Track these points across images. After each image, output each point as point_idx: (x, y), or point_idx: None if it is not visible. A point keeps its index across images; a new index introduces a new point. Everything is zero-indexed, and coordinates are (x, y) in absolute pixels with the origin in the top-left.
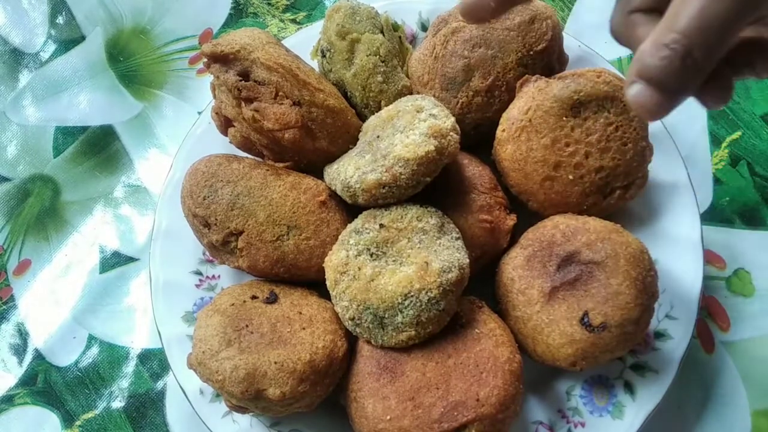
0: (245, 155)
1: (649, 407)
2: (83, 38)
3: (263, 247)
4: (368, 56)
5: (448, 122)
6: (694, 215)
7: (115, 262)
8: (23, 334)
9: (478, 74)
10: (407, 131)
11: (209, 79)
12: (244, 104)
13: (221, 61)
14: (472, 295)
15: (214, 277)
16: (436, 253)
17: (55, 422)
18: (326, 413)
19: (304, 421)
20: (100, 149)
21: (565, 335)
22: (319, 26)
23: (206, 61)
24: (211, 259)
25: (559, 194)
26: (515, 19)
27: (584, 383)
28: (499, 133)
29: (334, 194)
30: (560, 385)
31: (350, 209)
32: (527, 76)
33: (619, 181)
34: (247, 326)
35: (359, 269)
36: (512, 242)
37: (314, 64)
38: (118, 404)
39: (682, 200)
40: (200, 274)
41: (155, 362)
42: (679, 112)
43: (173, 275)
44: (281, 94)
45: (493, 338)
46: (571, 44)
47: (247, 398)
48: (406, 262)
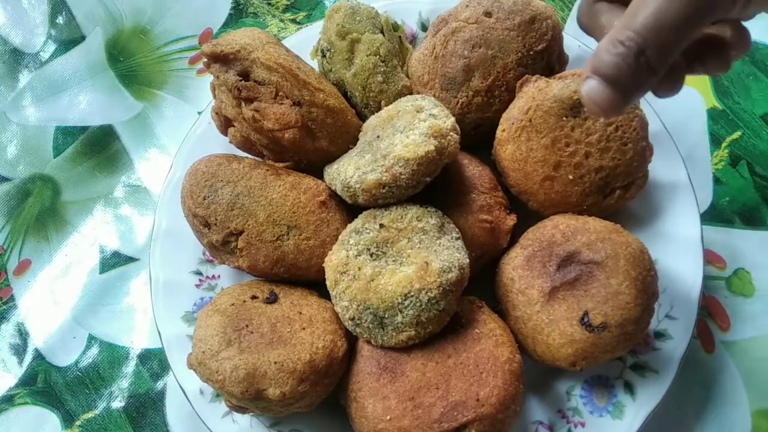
0: (245, 155)
1: (649, 407)
2: (83, 38)
3: (263, 247)
4: (368, 56)
5: (448, 122)
6: (694, 215)
7: (115, 262)
8: (23, 334)
9: (478, 74)
10: (407, 131)
11: (209, 79)
12: (244, 104)
13: (221, 61)
14: (472, 295)
15: (214, 277)
16: (436, 253)
17: (55, 422)
18: (326, 413)
19: (304, 421)
20: (100, 149)
21: (565, 335)
22: (319, 26)
23: (206, 61)
24: (211, 259)
25: (559, 194)
26: (515, 19)
27: (584, 383)
28: (499, 133)
29: (334, 194)
30: (560, 385)
31: (350, 209)
32: (527, 76)
33: (619, 181)
34: (247, 326)
35: (359, 269)
36: (512, 242)
37: (314, 64)
38: (118, 404)
39: (682, 200)
40: (200, 274)
41: (155, 362)
42: (679, 112)
43: (173, 275)
44: (281, 94)
45: (493, 338)
46: (571, 44)
47: (247, 398)
48: (406, 262)
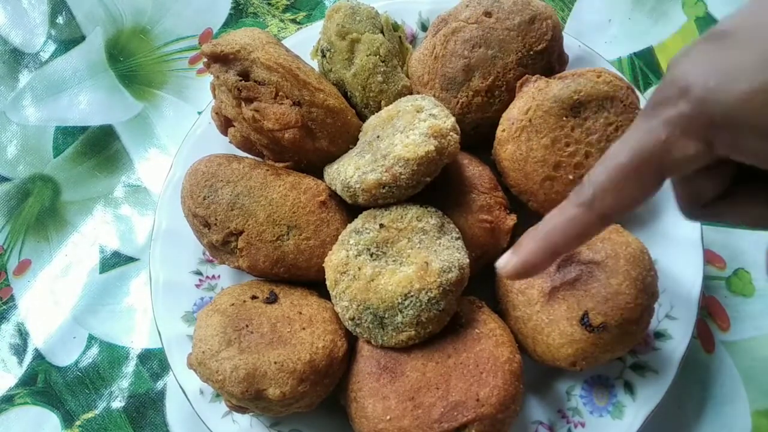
0: (245, 155)
1: (649, 407)
2: (83, 38)
3: (263, 247)
4: (368, 56)
5: (448, 122)
6: None
7: (115, 262)
8: (23, 334)
9: (478, 74)
10: (407, 131)
11: (209, 79)
12: (244, 104)
13: (221, 61)
14: (472, 295)
15: (214, 277)
16: (436, 253)
17: (55, 422)
18: (326, 413)
19: (304, 421)
20: (100, 149)
21: (565, 335)
22: (319, 26)
23: (206, 61)
24: (211, 259)
25: (559, 194)
26: (515, 19)
27: (584, 383)
28: (499, 133)
29: (334, 194)
30: (560, 385)
31: (350, 209)
32: (527, 76)
33: None
34: (247, 326)
35: (359, 269)
36: (512, 242)
37: (314, 64)
38: (118, 404)
39: None
40: (200, 274)
41: (155, 362)
42: None
43: (173, 275)
44: (281, 94)
45: (493, 338)
46: (571, 44)
47: (247, 398)
48: (406, 262)
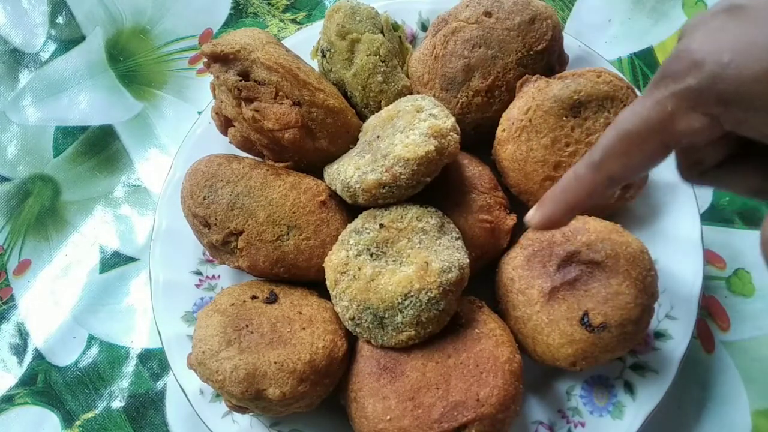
0: (245, 155)
1: (649, 407)
2: (83, 38)
3: (263, 247)
4: (368, 56)
5: (448, 122)
6: (694, 215)
7: (115, 262)
8: (23, 334)
9: (478, 74)
10: (407, 131)
11: (209, 79)
12: (244, 104)
13: (221, 61)
14: (472, 295)
15: (214, 277)
16: (436, 253)
17: (55, 422)
18: (326, 413)
19: (304, 421)
20: (100, 149)
21: (565, 335)
22: (319, 26)
23: (206, 61)
24: (211, 259)
25: None
26: (515, 19)
27: (584, 383)
28: (499, 133)
29: (334, 194)
30: (560, 385)
31: (350, 209)
32: (527, 76)
33: None
34: (247, 326)
35: (359, 269)
36: (512, 242)
37: (314, 64)
38: (118, 404)
39: (682, 200)
40: (200, 274)
41: (155, 362)
42: None
43: (173, 275)
44: (281, 94)
45: (493, 338)
46: (571, 44)
47: (247, 398)
48: (406, 262)
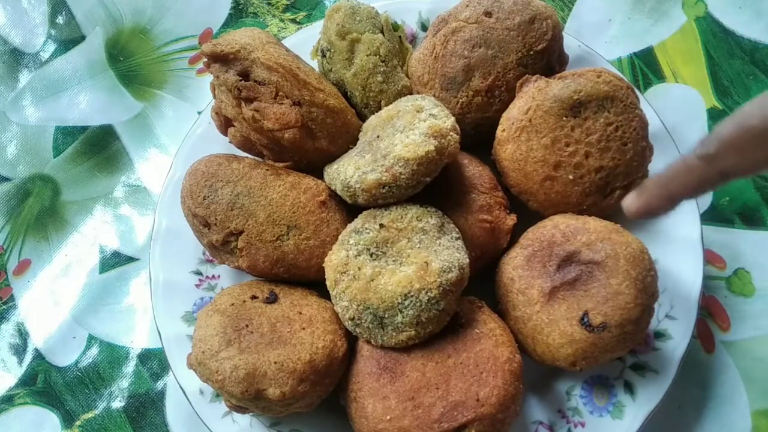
0: (245, 155)
1: (649, 407)
2: (83, 38)
3: (263, 247)
4: (368, 56)
5: (448, 122)
6: (694, 215)
7: (115, 262)
8: (23, 334)
9: (478, 74)
10: (407, 131)
11: (209, 79)
12: (244, 104)
13: (221, 60)
14: (472, 295)
15: (214, 277)
16: (436, 253)
17: (55, 422)
18: (326, 413)
19: (304, 421)
20: (100, 149)
21: (565, 335)
22: (319, 26)
23: (206, 60)
24: (211, 259)
25: (559, 194)
26: (515, 18)
27: (584, 383)
28: (499, 133)
29: (334, 194)
30: (560, 385)
31: (350, 209)
32: (527, 76)
33: (619, 181)
34: (247, 326)
35: (359, 269)
36: (512, 242)
37: (314, 64)
38: (118, 404)
39: None
40: (200, 274)
41: (155, 362)
42: (679, 112)
43: (173, 275)
44: (281, 94)
45: (493, 338)
46: (571, 44)
47: (246, 398)
48: (406, 262)
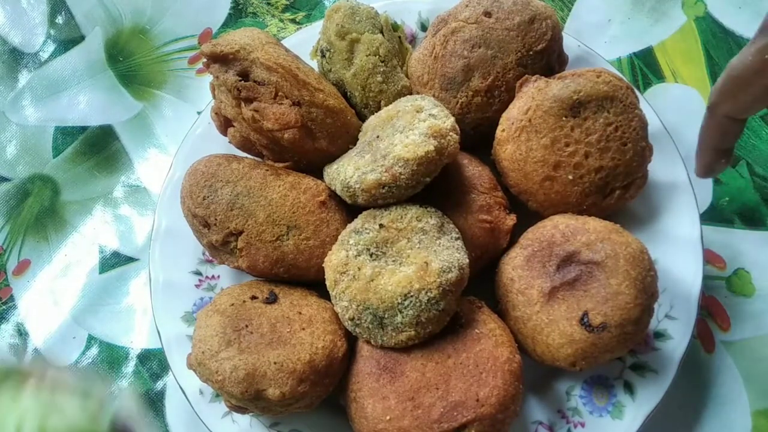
0: (245, 155)
1: (648, 407)
2: (83, 38)
3: (263, 247)
4: (368, 56)
5: (447, 122)
6: (694, 215)
7: (114, 262)
8: (23, 334)
9: (477, 74)
10: (407, 131)
11: (209, 79)
12: (243, 104)
13: (221, 61)
14: (472, 295)
15: (213, 277)
16: (435, 253)
17: None
18: (326, 413)
19: (304, 421)
20: (99, 149)
21: (564, 335)
22: (318, 26)
23: (206, 61)
24: (210, 259)
25: (558, 194)
26: (515, 19)
27: (584, 383)
28: (498, 133)
29: (333, 194)
30: (560, 385)
31: (350, 209)
32: (527, 76)
33: (618, 181)
34: (246, 326)
35: (359, 269)
36: (512, 242)
37: (314, 64)
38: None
39: (682, 200)
40: (200, 274)
41: (155, 362)
42: (679, 112)
43: (173, 275)
44: (281, 94)
45: (492, 338)
46: (570, 44)
47: (246, 398)
48: (405, 262)
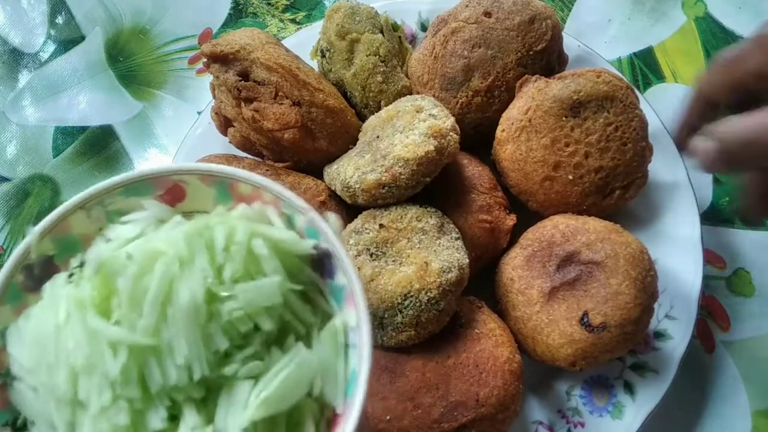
0: (245, 155)
1: (648, 407)
2: (83, 38)
3: None
4: (368, 56)
5: (447, 122)
6: (694, 215)
7: None
8: None
9: (477, 74)
10: (407, 131)
11: (209, 79)
12: (243, 104)
13: (221, 61)
14: (472, 295)
15: None
16: (435, 253)
17: None
18: None
19: None
20: (99, 149)
21: (564, 335)
22: (318, 26)
23: (206, 61)
24: None
25: (558, 194)
26: (515, 19)
27: (584, 383)
28: (498, 133)
29: (333, 194)
30: (560, 385)
31: (350, 209)
32: (527, 76)
33: (618, 181)
34: None
35: (359, 269)
36: (512, 242)
37: (314, 64)
38: None
39: (682, 200)
40: None
41: None
42: (678, 112)
43: None
44: (281, 94)
45: (492, 338)
46: (570, 44)
47: None
48: (405, 262)
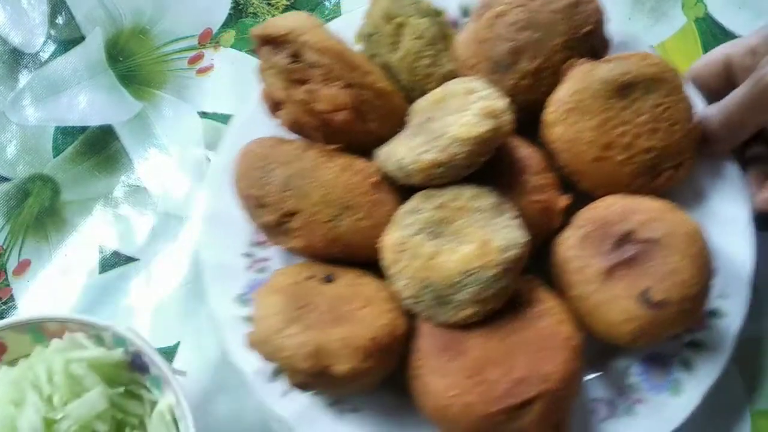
0: (294, 137)
1: (707, 383)
2: (83, 38)
3: (318, 227)
4: (414, 40)
5: (501, 103)
6: (741, 194)
7: (114, 262)
8: None
9: (525, 57)
10: (460, 112)
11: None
12: (295, 87)
13: (271, 44)
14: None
15: (264, 260)
16: (494, 231)
17: None
18: (385, 392)
19: (363, 399)
20: (99, 149)
21: (624, 312)
22: (352, 16)
23: (256, 44)
24: (260, 241)
25: (609, 175)
26: (560, 1)
27: (641, 361)
28: (546, 115)
29: (385, 175)
30: (618, 363)
31: (402, 190)
32: (573, 59)
33: (668, 161)
34: (308, 305)
35: (417, 248)
36: (566, 222)
37: (357, 49)
38: None
39: (727, 180)
40: (251, 256)
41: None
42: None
43: (223, 258)
44: (332, 76)
45: (554, 315)
46: (611, 29)
47: (312, 374)
48: (465, 240)
